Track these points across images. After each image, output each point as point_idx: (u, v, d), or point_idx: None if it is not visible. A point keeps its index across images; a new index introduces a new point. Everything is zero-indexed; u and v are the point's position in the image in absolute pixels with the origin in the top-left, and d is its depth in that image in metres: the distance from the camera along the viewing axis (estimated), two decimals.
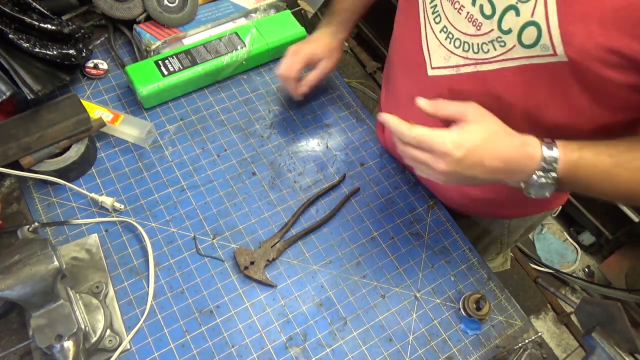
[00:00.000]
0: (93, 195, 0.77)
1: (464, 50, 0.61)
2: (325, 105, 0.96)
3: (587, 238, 2.05)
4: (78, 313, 0.63)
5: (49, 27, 0.78)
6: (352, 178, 0.88)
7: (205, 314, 0.72)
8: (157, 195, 0.81)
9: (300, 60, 0.83)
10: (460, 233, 0.85)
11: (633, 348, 0.62)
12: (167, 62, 0.89)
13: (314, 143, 0.91)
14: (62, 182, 0.76)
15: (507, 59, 0.57)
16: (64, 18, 0.93)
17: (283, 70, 0.84)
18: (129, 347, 0.68)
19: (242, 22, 1.00)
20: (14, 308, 0.67)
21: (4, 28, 0.74)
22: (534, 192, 0.58)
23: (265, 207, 0.82)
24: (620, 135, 0.59)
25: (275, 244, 0.78)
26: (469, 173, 0.57)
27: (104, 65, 0.92)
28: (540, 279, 1.90)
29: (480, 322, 0.75)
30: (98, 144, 0.84)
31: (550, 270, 2.01)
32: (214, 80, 0.94)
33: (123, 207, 0.78)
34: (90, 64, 0.91)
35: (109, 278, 0.72)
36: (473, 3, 0.57)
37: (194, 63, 0.90)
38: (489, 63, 0.59)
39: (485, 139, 0.56)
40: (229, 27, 0.98)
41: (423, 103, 0.61)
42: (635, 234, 1.83)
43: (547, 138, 0.57)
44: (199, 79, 0.91)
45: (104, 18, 0.96)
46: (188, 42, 0.95)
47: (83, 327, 0.63)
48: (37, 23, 0.77)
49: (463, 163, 0.56)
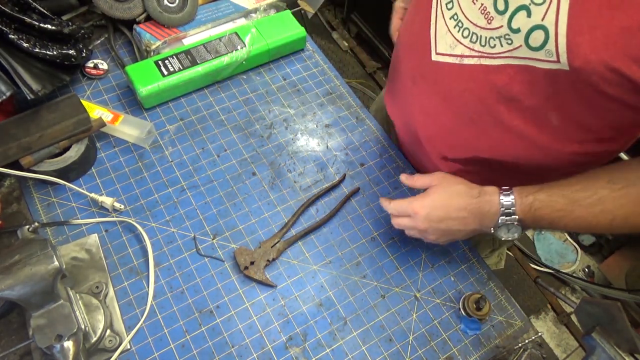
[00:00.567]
0: (93, 195, 0.77)
1: (472, 41, 0.62)
2: (325, 105, 0.96)
3: (587, 238, 2.06)
4: (78, 313, 0.63)
5: (49, 27, 0.78)
6: (352, 178, 0.88)
7: (205, 314, 0.72)
8: (157, 195, 0.81)
9: None
10: None
11: (633, 348, 0.62)
12: (167, 62, 0.89)
13: (314, 143, 0.91)
14: (62, 182, 0.76)
15: (511, 57, 0.58)
16: (64, 18, 0.93)
17: None
18: (129, 347, 0.68)
19: (242, 22, 1.00)
20: (14, 308, 0.67)
21: (4, 28, 0.74)
22: (504, 234, 0.66)
23: (265, 207, 0.82)
24: (591, 165, 0.66)
25: (275, 244, 0.78)
26: (443, 226, 0.68)
27: (104, 65, 0.92)
28: (540, 279, 1.90)
29: (480, 322, 0.75)
30: (98, 144, 0.84)
31: (550, 270, 2.01)
32: (214, 80, 0.94)
33: (123, 207, 0.78)
34: (90, 64, 0.91)
35: (109, 278, 0.72)
36: None
37: (194, 63, 0.90)
38: (493, 58, 0.60)
39: (445, 197, 0.68)
40: (229, 27, 0.98)
41: (403, 178, 0.75)
42: (635, 234, 1.83)
43: (505, 187, 0.65)
44: (199, 79, 0.91)
45: (104, 18, 0.96)
46: (188, 42, 0.94)
47: (83, 327, 0.63)
48: (37, 23, 0.77)
49: (431, 218, 0.68)
